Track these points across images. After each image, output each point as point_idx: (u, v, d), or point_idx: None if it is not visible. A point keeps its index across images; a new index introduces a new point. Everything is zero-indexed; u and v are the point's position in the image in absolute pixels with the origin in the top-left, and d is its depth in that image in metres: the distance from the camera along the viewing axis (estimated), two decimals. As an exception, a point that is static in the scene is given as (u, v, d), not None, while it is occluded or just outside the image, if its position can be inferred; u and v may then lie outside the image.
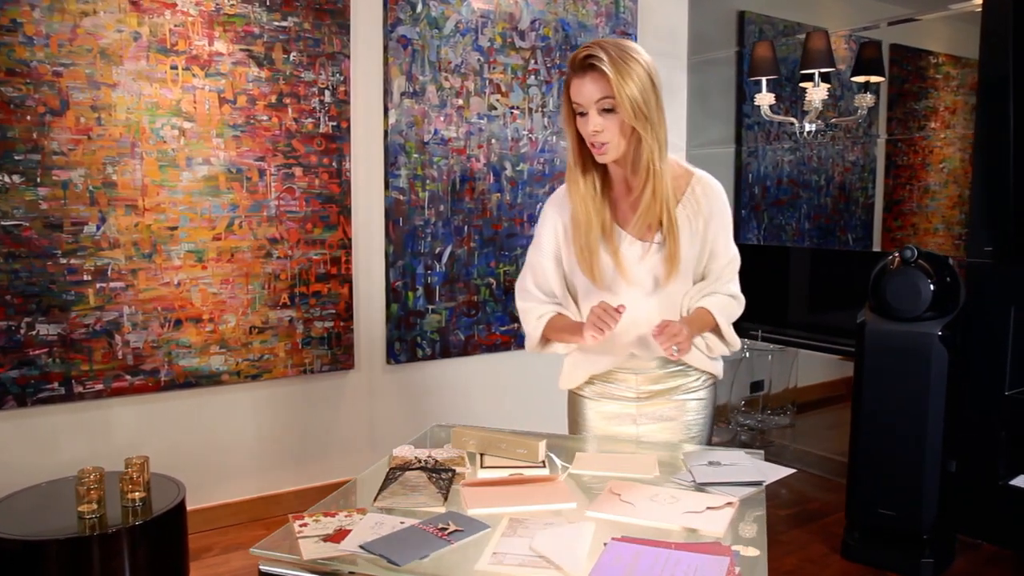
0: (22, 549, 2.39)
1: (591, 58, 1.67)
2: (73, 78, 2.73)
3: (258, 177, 3.11)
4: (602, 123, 1.69)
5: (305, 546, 1.36)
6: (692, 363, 1.94)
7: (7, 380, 2.71)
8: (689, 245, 1.82)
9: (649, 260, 1.82)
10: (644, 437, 1.97)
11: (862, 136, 4.51)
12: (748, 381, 4.46)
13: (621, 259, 1.82)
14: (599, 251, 1.82)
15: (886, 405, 2.81)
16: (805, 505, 3.45)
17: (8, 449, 2.74)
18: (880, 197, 4.68)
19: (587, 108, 1.70)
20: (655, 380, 1.94)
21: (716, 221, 1.84)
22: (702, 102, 4.44)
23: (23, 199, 2.68)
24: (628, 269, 1.82)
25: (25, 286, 2.71)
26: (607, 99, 1.67)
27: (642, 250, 1.82)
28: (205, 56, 2.97)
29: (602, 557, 1.32)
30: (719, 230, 1.85)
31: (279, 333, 3.21)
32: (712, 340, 1.94)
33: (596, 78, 1.67)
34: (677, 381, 1.95)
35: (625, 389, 1.96)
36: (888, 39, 4.24)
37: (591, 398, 2.00)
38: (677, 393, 1.96)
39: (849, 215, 4.90)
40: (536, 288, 1.95)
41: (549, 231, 1.91)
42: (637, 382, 1.95)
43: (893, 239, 4.58)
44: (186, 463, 3.02)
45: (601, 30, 3.97)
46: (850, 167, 4.78)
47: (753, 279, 4.35)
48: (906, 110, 4.59)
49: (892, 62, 4.36)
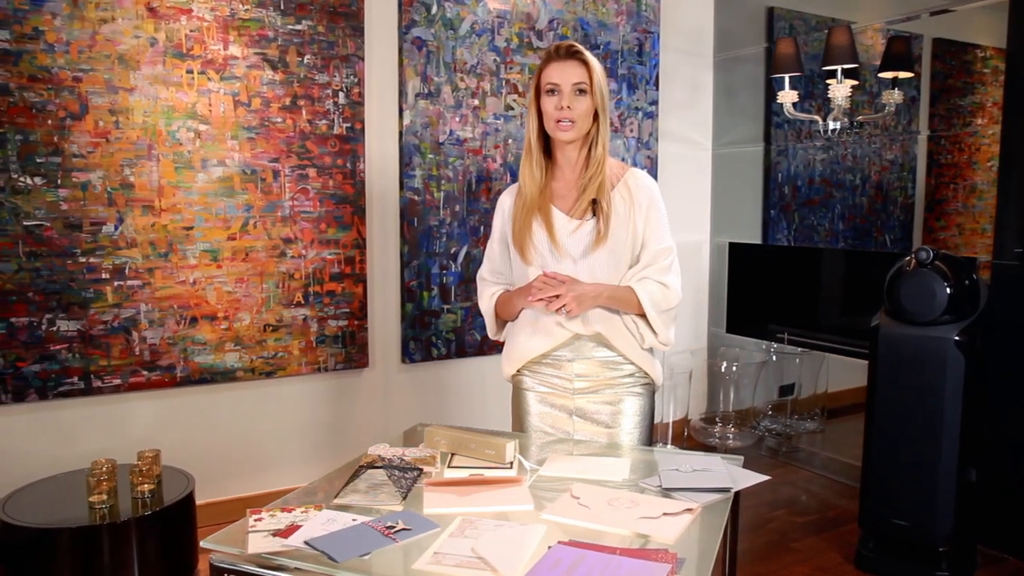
0: (36, 536, 2.49)
1: (575, 48, 1.98)
2: (92, 83, 2.83)
3: (272, 178, 3.17)
4: (574, 103, 1.95)
5: (253, 540, 1.39)
6: (624, 351, 2.04)
7: (29, 374, 2.82)
8: (622, 225, 2.00)
9: (580, 232, 2.01)
10: (579, 434, 2.06)
11: (901, 133, 4.37)
12: (776, 385, 4.36)
13: (555, 231, 2.01)
14: (533, 227, 2.02)
15: (899, 412, 2.72)
16: (824, 513, 3.36)
17: (30, 440, 2.86)
18: (921, 196, 4.52)
19: (563, 87, 1.95)
20: (592, 367, 2.05)
21: (648, 211, 2.04)
22: (728, 100, 4.36)
23: (44, 200, 2.79)
24: (560, 241, 2.01)
25: (46, 284, 2.82)
26: (583, 83, 1.95)
27: (573, 225, 2.02)
28: (220, 60, 3.04)
29: (541, 560, 1.31)
30: (650, 220, 2.04)
31: (293, 331, 3.27)
32: (643, 327, 2.03)
33: (577, 64, 1.96)
34: (613, 372, 2.05)
35: (562, 377, 2.07)
36: (930, 33, 4.10)
37: (531, 389, 2.11)
38: (611, 387, 2.05)
39: (887, 215, 4.75)
40: (489, 274, 2.21)
41: (499, 217, 2.17)
42: (575, 369, 2.05)
43: (935, 240, 4.42)
44: (200, 457, 3.10)
45: (622, 28, 3.94)
46: (888, 165, 4.63)
47: (781, 281, 4.30)
48: (949, 106, 4.42)
49: (934, 56, 4.22)
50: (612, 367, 2.05)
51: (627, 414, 2.06)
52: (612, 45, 3.93)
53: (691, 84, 4.29)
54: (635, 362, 2.06)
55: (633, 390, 2.07)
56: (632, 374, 2.07)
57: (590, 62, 1.95)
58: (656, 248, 2.04)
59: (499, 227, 2.17)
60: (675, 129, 4.24)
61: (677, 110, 4.23)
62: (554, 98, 1.95)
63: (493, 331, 2.23)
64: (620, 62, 3.96)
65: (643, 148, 4.09)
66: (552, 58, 1.98)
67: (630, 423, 2.06)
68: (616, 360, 2.05)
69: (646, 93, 4.06)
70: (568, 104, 1.93)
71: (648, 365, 2.08)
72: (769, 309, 4.23)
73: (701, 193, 4.41)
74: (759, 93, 4.40)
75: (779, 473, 3.89)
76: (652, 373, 2.09)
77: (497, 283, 2.20)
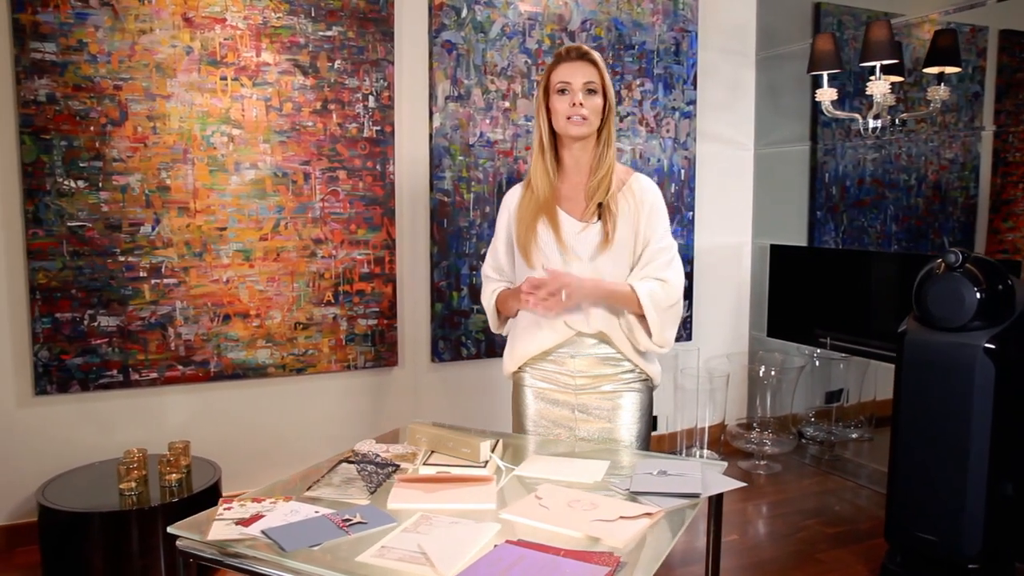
0: (71, 520, 2.64)
1: (583, 50, 2.05)
2: (131, 91, 2.98)
3: (303, 180, 3.27)
4: (585, 101, 2.01)
5: (216, 527, 1.45)
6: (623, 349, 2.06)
7: (72, 366, 2.98)
8: (627, 227, 2.04)
9: (586, 234, 2.04)
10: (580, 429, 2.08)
11: (962, 130, 4.18)
12: (821, 391, 4.24)
13: (561, 233, 2.04)
14: (538, 230, 2.06)
15: (926, 421, 2.61)
16: (857, 524, 3.25)
17: (72, 429, 3.02)
18: (986, 196, 4.32)
19: (575, 86, 2.01)
20: (590, 365, 2.08)
21: (650, 213, 2.07)
22: (772, 99, 4.26)
23: (87, 202, 2.95)
24: (567, 242, 2.04)
25: (88, 281, 2.98)
26: (593, 83, 2.02)
27: (580, 227, 2.05)
28: (253, 67, 3.15)
29: (482, 558, 1.32)
30: (652, 222, 2.07)
31: (323, 329, 3.36)
32: (636, 328, 2.04)
33: (587, 65, 2.03)
34: (614, 368, 2.08)
35: (563, 376, 2.09)
36: (996, 24, 3.92)
37: (531, 386, 2.15)
38: (612, 383, 2.07)
39: (945, 216, 4.55)
40: (492, 270, 2.26)
41: (504, 215, 2.21)
42: (573, 366, 2.08)
43: (1001, 241, 4.22)
44: (230, 450, 3.22)
45: (658, 28, 3.90)
46: (947, 164, 4.44)
47: (827, 284, 4.17)
48: (1018, 101, 4.21)
49: (1001, 49, 4.03)
50: (612, 363, 2.09)
51: (626, 408, 2.10)
52: (647, 45, 3.89)
53: (731, 83, 4.20)
54: (633, 361, 2.09)
55: (632, 386, 2.10)
56: (631, 370, 2.11)
57: (599, 63, 2.03)
58: (656, 247, 2.07)
59: (504, 225, 2.22)
60: (714, 129, 4.17)
61: (716, 110, 4.16)
62: (565, 97, 2.01)
63: (495, 326, 2.31)
64: (656, 62, 3.92)
65: (680, 148, 4.03)
66: (562, 59, 2.04)
67: (630, 418, 2.10)
68: (616, 357, 2.09)
69: (683, 93, 4.00)
70: (580, 101, 1.99)
71: (646, 364, 2.12)
72: (813, 313, 4.11)
73: (742, 194, 4.32)
74: (805, 91, 4.27)
75: (818, 482, 3.78)
76: (650, 372, 2.13)
77: (500, 279, 2.25)
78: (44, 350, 2.93)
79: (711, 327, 4.25)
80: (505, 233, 2.21)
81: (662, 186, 4.00)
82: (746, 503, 3.53)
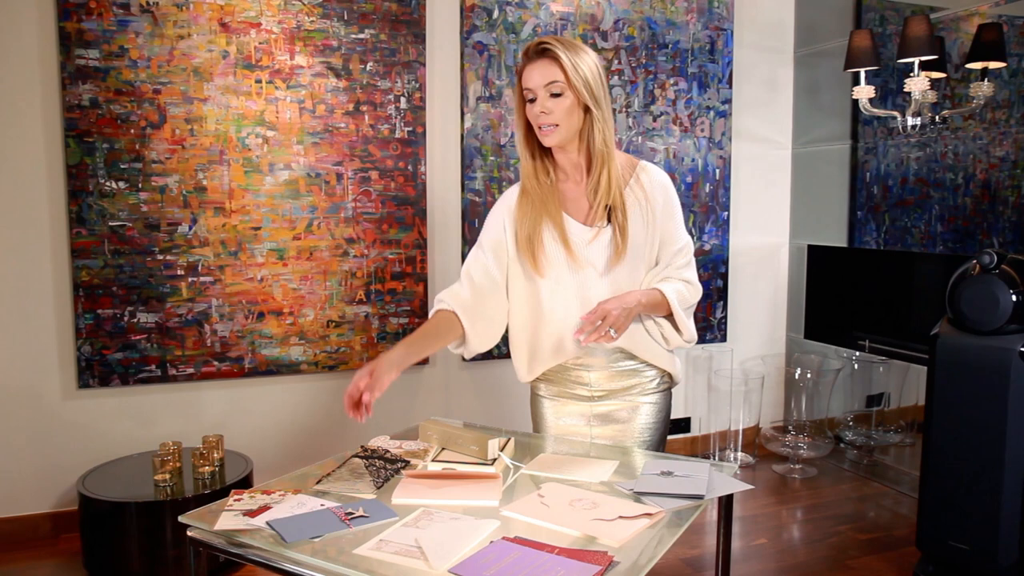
0: (109, 509, 2.74)
1: (544, 44, 1.80)
2: (170, 95, 3.07)
3: (336, 181, 3.33)
4: (551, 106, 1.79)
5: (224, 518, 1.49)
6: (647, 358, 1.94)
7: (113, 361, 3.09)
8: (639, 228, 1.88)
9: (597, 243, 1.88)
10: (596, 439, 1.97)
11: (1014, 127, 4.05)
12: (862, 394, 4.15)
13: (570, 242, 1.87)
14: (544, 238, 1.88)
15: (959, 426, 2.55)
16: (890, 531, 3.18)
17: (113, 421, 3.13)
18: (1042, 196, 4.18)
19: (537, 92, 1.80)
20: (609, 378, 1.96)
21: (665, 207, 1.92)
22: (810, 97, 4.19)
23: (127, 203, 3.05)
24: (577, 252, 1.87)
25: (128, 279, 3.08)
26: (556, 83, 1.78)
27: (590, 234, 1.88)
28: (287, 70, 3.22)
29: (476, 554, 1.34)
30: (668, 216, 1.92)
31: (355, 327, 3.42)
32: (668, 329, 1.94)
33: (547, 63, 1.79)
34: (632, 380, 1.96)
35: (580, 388, 1.98)
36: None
37: (548, 398, 2.03)
38: (631, 393, 1.96)
39: (995, 217, 4.41)
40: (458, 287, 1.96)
41: (496, 223, 1.96)
42: (591, 380, 1.96)
43: (1058, 244, 4.08)
44: (262, 444, 3.29)
45: (692, 26, 3.86)
46: (996, 163, 4.31)
47: (868, 285, 4.08)
48: (1078, 96, 4.06)
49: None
50: (630, 375, 1.96)
51: (645, 414, 1.98)
52: (681, 44, 3.86)
53: (768, 81, 4.14)
54: (658, 366, 1.98)
55: (651, 392, 1.99)
56: (653, 378, 1.99)
57: (561, 57, 1.76)
58: (674, 247, 1.94)
59: (498, 230, 1.95)
60: (750, 128, 4.11)
61: (752, 108, 4.11)
62: (533, 105, 1.81)
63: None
64: (690, 60, 3.89)
65: (715, 148, 3.99)
66: (524, 60, 1.83)
67: (648, 423, 1.99)
68: (638, 368, 1.96)
69: (718, 92, 3.96)
70: (541, 110, 1.78)
71: (670, 365, 2.00)
72: (852, 315, 4.02)
73: (779, 194, 4.26)
74: (845, 89, 4.18)
75: (854, 487, 3.70)
76: (673, 371, 2.01)
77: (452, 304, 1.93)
78: (87, 345, 3.05)
79: (746, 328, 4.20)
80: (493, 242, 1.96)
81: (696, 186, 3.97)
82: (780, 507, 3.48)
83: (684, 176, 3.93)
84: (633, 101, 3.78)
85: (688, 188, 3.95)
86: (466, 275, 1.96)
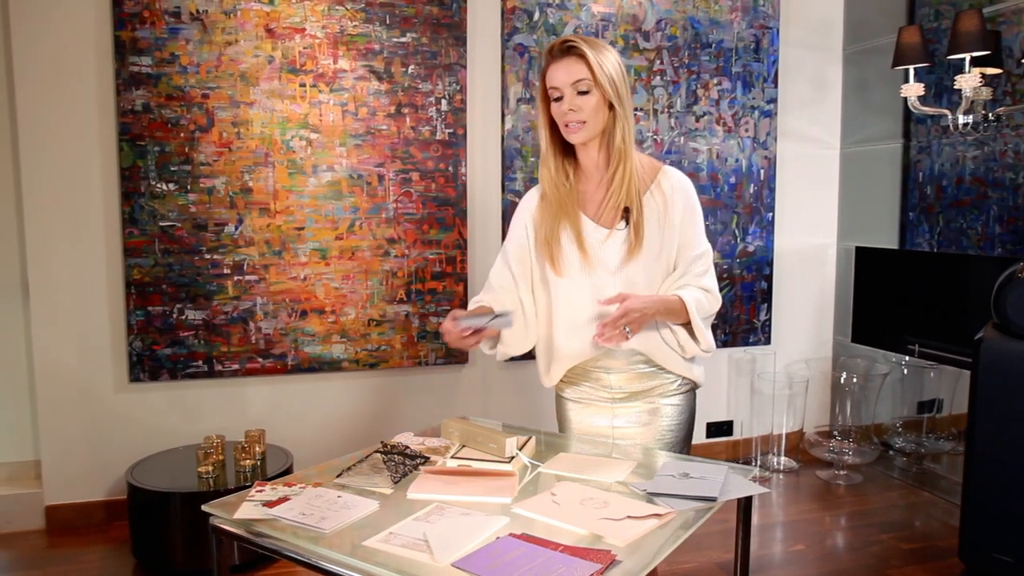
0: (155, 498, 2.85)
1: (569, 42, 1.83)
2: (218, 99, 3.18)
3: (377, 182, 3.40)
4: (579, 103, 1.82)
5: (244, 507, 1.54)
6: (665, 365, 1.94)
7: (162, 356, 3.21)
8: (655, 232, 1.88)
9: (612, 242, 1.89)
10: (619, 440, 1.97)
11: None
12: (912, 400, 4.03)
13: (585, 243, 1.89)
14: (561, 237, 1.90)
15: (1004, 435, 2.46)
16: (936, 541, 3.09)
17: (161, 415, 3.25)
18: (1107, 197, 4.00)
19: (563, 90, 1.83)
20: (631, 380, 1.96)
21: (683, 215, 1.90)
22: (860, 96, 4.09)
23: (176, 204, 3.17)
24: (591, 252, 1.89)
25: (177, 277, 3.20)
26: (583, 81, 1.81)
27: (605, 235, 1.89)
28: (330, 73, 3.30)
29: (481, 549, 1.36)
30: (688, 221, 1.91)
31: (395, 326, 3.48)
32: (684, 338, 1.92)
33: (574, 61, 1.82)
34: (653, 382, 1.96)
35: (602, 390, 1.99)
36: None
37: (572, 400, 2.05)
38: (653, 395, 1.96)
39: (1058, 218, 4.24)
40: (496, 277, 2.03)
41: (520, 224, 2.01)
42: (612, 382, 1.97)
43: None
44: (303, 439, 3.38)
45: (736, 25, 3.81)
46: (1061, 162, 4.14)
47: (920, 288, 3.96)
48: None
49: None
50: (653, 376, 1.96)
51: (667, 414, 1.98)
52: (725, 43, 3.82)
53: (816, 80, 4.06)
54: (676, 372, 1.97)
55: (673, 395, 1.98)
56: (674, 380, 1.98)
57: (587, 55, 1.79)
58: (693, 254, 1.92)
59: (520, 235, 1.99)
60: (797, 128, 4.04)
61: (799, 108, 4.03)
62: (559, 104, 1.84)
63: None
64: (734, 60, 3.84)
65: (759, 148, 3.93)
66: (549, 59, 1.86)
67: (673, 421, 1.98)
68: (654, 371, 1.96)
69: (763, 91, 3.90)
70: (570, 107, 1.82)
71: (689, 371, 1.98)
72: (902, 319, 3.91)
73: (826, 195, 4.17)
74: (897, 87, 4.08)
75: (901, 495, 3.60)
76: (693, 376, 2.00)
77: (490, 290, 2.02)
78: (138, 340, 3.17)
79: (790, 331, 4.12)
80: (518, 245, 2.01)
81: (740, 186, 3.91)
82: (822, 513, 3.41)
83: (728, 177, 3.89)
84: (675, 101, 3.76)
85: (732, 189, 3.90)
86: (489, 284, 2.03)
